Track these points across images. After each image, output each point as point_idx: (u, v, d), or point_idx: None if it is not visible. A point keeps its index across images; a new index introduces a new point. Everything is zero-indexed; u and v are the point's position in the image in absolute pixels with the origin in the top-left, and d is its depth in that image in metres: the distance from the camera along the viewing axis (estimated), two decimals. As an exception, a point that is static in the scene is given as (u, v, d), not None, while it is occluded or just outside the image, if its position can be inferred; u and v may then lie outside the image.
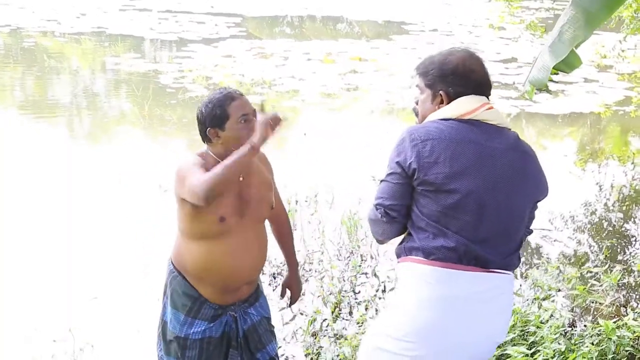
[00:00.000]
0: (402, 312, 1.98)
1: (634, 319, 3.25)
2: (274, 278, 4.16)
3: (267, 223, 2.46)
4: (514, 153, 1.98)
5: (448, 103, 2.01)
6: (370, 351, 2.06)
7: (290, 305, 2.71)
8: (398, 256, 2.06)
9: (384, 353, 2.00)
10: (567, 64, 2.83)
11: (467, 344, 1.96)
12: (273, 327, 2.50)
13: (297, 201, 5.12)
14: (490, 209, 1.92)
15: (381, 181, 2.01)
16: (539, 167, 2.06)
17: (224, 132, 2.16)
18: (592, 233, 5.22)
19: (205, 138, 2.22)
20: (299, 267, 2.68)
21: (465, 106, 1.98)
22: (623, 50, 8.58)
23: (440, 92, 2.01)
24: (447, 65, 2.02)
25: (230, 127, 2.16)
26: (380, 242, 2.12)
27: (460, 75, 2.00)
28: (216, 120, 2.16)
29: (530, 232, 2.14)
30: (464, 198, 1.90)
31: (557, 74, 2.99)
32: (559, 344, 3.00)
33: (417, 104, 2.12)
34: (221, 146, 2.19)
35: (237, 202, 2.21)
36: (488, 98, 2.05)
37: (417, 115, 2.12)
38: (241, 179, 2.23)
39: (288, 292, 2.63)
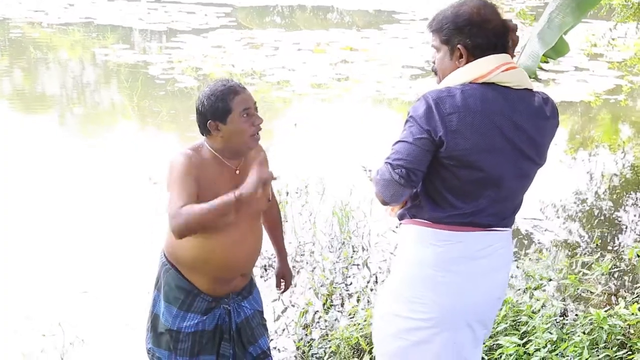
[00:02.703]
0: (408, 274, 2.00)
1: (625, 308, 3.25)
2: (265, 270, 4.15)
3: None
4: (534, 122, 1.92)
5: (468, 57, 1.91)
6: (385, 316, 2.07)
7: (282, 293, 2.72)
8: (401, 218, 2.05)
9: (397, 318, 2.01)
10: (555, 50, 2.80)
11: (473, 303, 1.98)
12: (265, 320, 2.49)
13: (287, 192, 5.09)
14: (507, 182, 1.92)
15: (402, 141, 1.88)
16: (551, 137, 1.99)
17: (225, 125, 2.12)
18: (583, 222, 5.23)
19: (205, 130, 2.17)
20: (289, 259, 2.67)
21: (480, 68, 1.89)
22: (614, 39, 8.55)
23: (459, 45, 1.91)
24: (461, 16, 1.90)
25: (231, 121, 2.11)
26: (386, 204, 1.98)
27: (476, 25, 1.89)
28: (218, 113, 2.11)
29: None
30: (487, 174, 1.88)
31: (547, 62, 2.96)
32: (550, 333, 3.00)
33: (434, 63, 2.02)
34: (221, 140, 2.15)
35: None
36: (510, 51, 1.94)
37: (436, 74, 2.02)
38: (237, 172, 2.20)
39: (282, 282, 2.63)
